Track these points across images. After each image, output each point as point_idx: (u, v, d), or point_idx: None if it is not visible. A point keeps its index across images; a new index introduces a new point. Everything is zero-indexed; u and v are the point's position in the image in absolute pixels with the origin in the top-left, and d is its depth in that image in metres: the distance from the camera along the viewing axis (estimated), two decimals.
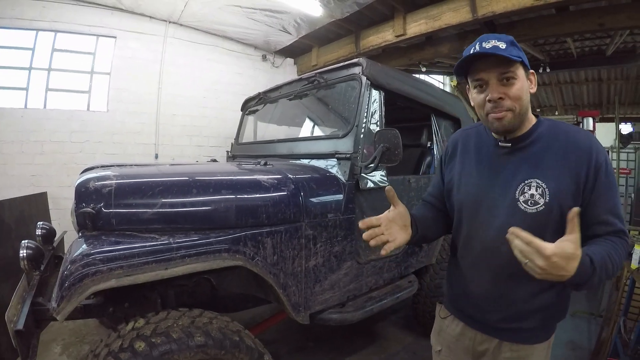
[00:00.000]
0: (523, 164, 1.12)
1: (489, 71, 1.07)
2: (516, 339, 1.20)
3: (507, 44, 1.04)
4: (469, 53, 1.09)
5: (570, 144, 1.08)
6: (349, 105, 2.39)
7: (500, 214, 1.13)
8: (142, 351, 1.34)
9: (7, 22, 4.30)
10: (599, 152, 1.06)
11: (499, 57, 1.03)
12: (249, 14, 5.16)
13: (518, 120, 1.10)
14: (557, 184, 1.06)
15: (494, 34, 1.09)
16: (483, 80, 1.09)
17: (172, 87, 5.57)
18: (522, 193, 1.09)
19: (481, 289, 1.23)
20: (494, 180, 1.17)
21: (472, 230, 1.23)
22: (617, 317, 2.71)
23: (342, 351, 3.10)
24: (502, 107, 1.07)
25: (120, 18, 5.05)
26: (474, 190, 1.22)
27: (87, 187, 1.58)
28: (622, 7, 4.18)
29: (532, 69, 1.14)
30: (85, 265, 1.35)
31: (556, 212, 1.05)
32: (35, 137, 4.49)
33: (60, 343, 3.03)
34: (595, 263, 0.92)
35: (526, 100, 1.10)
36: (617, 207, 1.07)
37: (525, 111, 1.11)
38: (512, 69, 1.05)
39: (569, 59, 6.78)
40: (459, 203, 1.27)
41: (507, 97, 1.07)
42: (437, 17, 4.66)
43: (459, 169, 1.30)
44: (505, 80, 1.06)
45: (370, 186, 2.29)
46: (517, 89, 1.06)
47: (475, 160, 1.25)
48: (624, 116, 9.34)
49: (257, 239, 1.78)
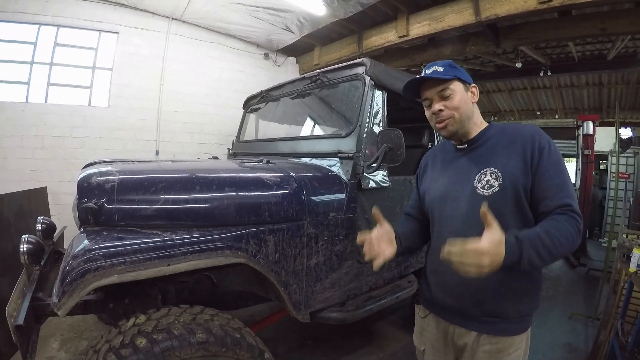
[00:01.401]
0: (478, 159, 1.30)
1: (431, 90, 1.32)
2: (494, 331, 1.26)
3: (445, 67, 1.28)
4: (414, 79, 1.34)
5: (516, 133, 1.27)
6: (352, 104, 2.39)
7: (463, 203, 1.28)
8: (144, 347, 1.33)
9: (10, 16, 4.29)
10: (542, 136, 1.23)
11: (435, 79, 1.28)
12: (252, 12, 5.16)
13: (460, 124, 1.31)
14: (506, 166, 1.22)
15: (437, 61, 1.32)
16: (429, 99, 1.34)
17: (174, 84, 5.57)
18: (479, 181, 1.26)
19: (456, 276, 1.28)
20: (456, 177, 1.35)
21: (443, 224, 1.36)
22: (614, 320, 2.72)
23: (341, 350, 3.10)
24: (442, 117, 1.30)
25: (123, 14, 5.05)
26: (440, 188, 1.39)
27: (89, 182, 1.58)
28: (623, 13, 4.18)
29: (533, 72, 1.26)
30: (87, 261, 1.34)
31: (510, 190, 1.20)
32: (35, 132, 4.48)
33: (59, 338, 3.03)
34: (522, 238, 1.04)
35: (466, 108, 1.30)
36: (565, 184, 1.18)
37: (467, 117, 1.31)
38: (449, 86, 1.28)
39: (570, 62, 6.78)
40: (430, 204, 1.43)
41: (447, 108, 1.29)
42: (440, 19, 4.66)
43: (429, 178, 1.50)
44: (445, 95, 1.29)
45: (372, 186, 2.30)
46: (455, 101, 1.29)
47: (441, 167, 1.45)
48: (624, 121, 9.35)
49: (259, 236, 1.78)
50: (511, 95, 10.26)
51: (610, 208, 7.50)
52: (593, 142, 6.83)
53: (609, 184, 8.49)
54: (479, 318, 1.27)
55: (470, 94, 1.33)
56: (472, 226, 1.19)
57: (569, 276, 5.63)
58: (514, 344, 1.26)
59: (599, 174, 9.20)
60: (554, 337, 3.31)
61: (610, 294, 3.18)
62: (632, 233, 3.71)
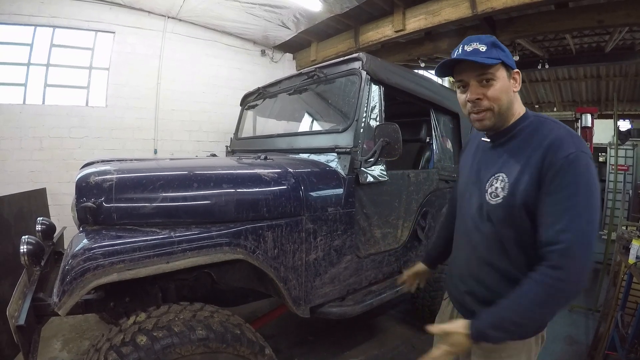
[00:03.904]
0: (498, 158, 1.18)
1: (468, 73, 1.13)
2: None
3: (488, 46, 1.08)
4: (452, 56, 1.14)
5: (544, 138, 1.05)
6: (349, 99, 2.39)
7: (474, 202, 1.23)
8: (144, 345, 1.33)
9: (6, 18, 4.29)
10: (569, 145, 0.99)
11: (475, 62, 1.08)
12: (248, 9, 5.15)
13: (498, 119, 1.14)
14: (516, 180, 1.07)
15: (477, 36, 1.12)
16: (464, 81, 1.15)
17: (171, 83, 5.57)
18: (490, 185, 1.16)
19: (459, 268, 1.35)
20: (475, 173, 1.27)
21: (460, 217, 1.37)
22: (614, 312, 2.72)
23: (342, 345, 3.11)
24: (480, 107, 1.13)
25: (118, 13, 5.04)
26: (462, 182, 1.36)
27: (88, 182, 1.58)
28: (620, 5, 4.18)
29: (530, 65, 1.20)
30: (87, 260, 1.34)
31: (516, 207, 1.06)
32: (33, 133, 4.48)
33: (61, 339, 3.04)
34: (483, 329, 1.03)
35: (506, 100, 1.12)
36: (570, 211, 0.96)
37: (506, 110, 1.13)
38: (491, 71, 1.09)
39: (567, 55, 6.77)
40: (457, 195, 1.42)
41: (485, 97, 1.11)
42: (436, 13, 4.65)
43: (462, 163, 1.44)
44: (485, 82, 1.10)
45: (370, 180, 2.30)
46: (496, 90, 1.10)
47: (471, 156, 1.35)
48: (622, 113, 9.37)
49: (257, 232, 1.79)
50: None
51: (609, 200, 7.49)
52: (592, 134, 6.81)
53: (608, 177, 8.48)
54: (477, 309, 1.23)
55: (513, 81, 1.13)
56: (475, 228, 1.22)
57: None
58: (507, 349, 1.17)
59: (598, 167, 9.17)
60: (554, 329, 3.32)
61: (610, 286, 3.19)
62: (631, 225, 3.72)
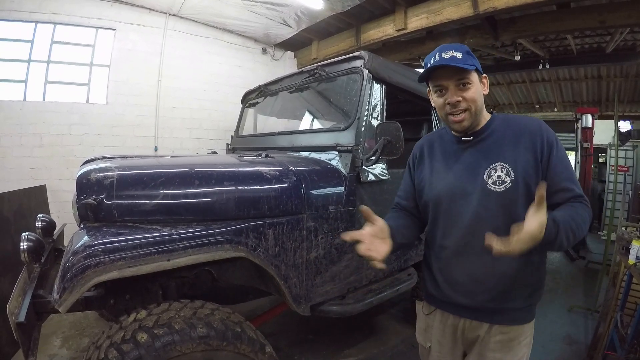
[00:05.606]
0: (486, 152, 1.27)
1: (448, 78, 1.23)
2: (506, 321, 1.28)
3: (464, 54, 1.19)
4: (430, 63, 1.23)
5: (522, 128, 1.26)
6: (351, 98, 2.38)
7: (473, 199, 1.25)
8: (145, 342, 1.33)
9: (6, 15, 4.27)
10: (548, 131, 1.24)
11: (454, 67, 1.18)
12: (249, 7, 5.13)
13: (474, 118, 1.26)
14: (518, 162, 1.20)
15: (451, 44, 1.23)
16: (443, 86, 1.25)
17: (172, 80, 5.55)
18: (490, 176, 1.23)
19: (468, 271, 1.30)
20: (462, 172, 1.30)
21: (451, 221, 1.32)
22: (614, 312, 2.72)
23: (342, 343, 3.11)
24: (460, 108, 1.24)
25: (119, 10, 5.02)
26: (446, 184, 1.33)
27: (88, 179, 1.58)
28: (622, 5, 4.17)
29: (531, 65, 1.25)
30: (88, 257, 1.34)
31: (522, 186, 1.19)
32: (34, 130, 4.46)
33: (60, 336, 3.04)
34: (558, 222, 1.05)
35: (480, 101, 1.26)
36: (574, 176, 1.23)
37: (480, 110, 1.27)
38: (468, 76, 1.21)
39: (568, 55, 6.77)
40: (435, 199, 1.36)
41: (464, 99, 1.23)
42: (438, 12, 4.64)
43: (428, 170, 1.42)
44: (462, 86, 1.23)
45: (371, 179, 2.30)
46: (472, 92, 1.23)
47: (443, 159, 1.38)
48: (623, 114, 9.35)
49: (258, 230, 1.78)
50: (510, 88, 10.25)
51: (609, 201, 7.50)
52: (592, 135, 6.82)
53: (608, 177, 8.48)
54: (493, 307, 1.27)
55: (482, 85, 1.29)
56: (483, 222, 1.21)
57: (569, 269, 5.64)
58: (524, 332, 1.29)
59: (598, 167, 9.19)
60: (554, 329, 3.33)
61: (610, 287, 3.19)
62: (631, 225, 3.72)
